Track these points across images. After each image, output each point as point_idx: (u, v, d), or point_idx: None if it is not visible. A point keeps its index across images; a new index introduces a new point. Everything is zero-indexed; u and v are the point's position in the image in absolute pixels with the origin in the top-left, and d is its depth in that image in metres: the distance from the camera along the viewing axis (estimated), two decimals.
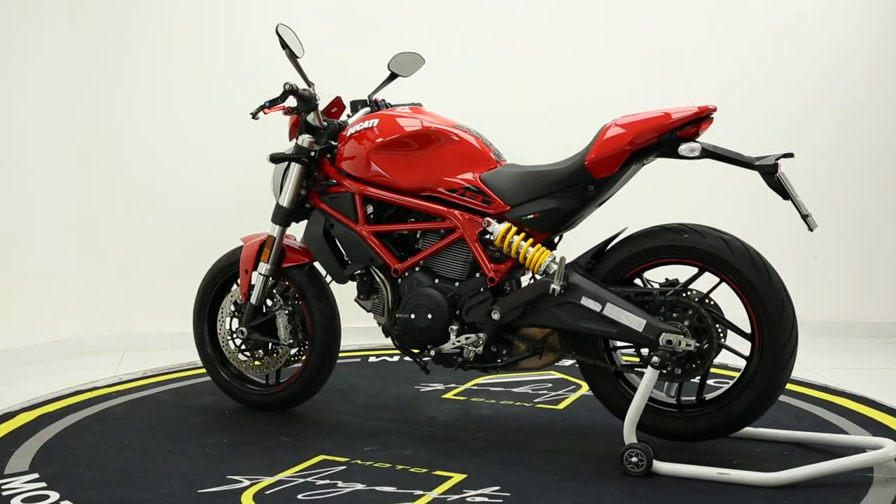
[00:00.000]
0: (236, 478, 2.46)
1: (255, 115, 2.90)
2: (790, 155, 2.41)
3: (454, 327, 2.72)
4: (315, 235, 2.94)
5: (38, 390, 3.44)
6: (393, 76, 3.10)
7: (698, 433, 2.58)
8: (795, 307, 2.52)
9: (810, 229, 2.44)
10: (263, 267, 3.00)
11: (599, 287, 2.55)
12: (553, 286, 2.54)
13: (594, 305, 2.52)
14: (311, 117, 2.91)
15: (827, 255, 4.53)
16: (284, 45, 2.82)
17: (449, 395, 3.31)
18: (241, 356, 3.09)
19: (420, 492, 2.35)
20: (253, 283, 3.02)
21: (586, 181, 2.57)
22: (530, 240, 2.65)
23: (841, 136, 4.49)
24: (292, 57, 2.84)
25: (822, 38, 4.46)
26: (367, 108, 3.01)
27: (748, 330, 2.53)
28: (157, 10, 4.32)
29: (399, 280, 2.83)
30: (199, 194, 4.33)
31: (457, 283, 2.76)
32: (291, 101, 2.92)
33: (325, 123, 2.94)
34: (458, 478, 2.45)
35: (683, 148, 2.44)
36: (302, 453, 2.66)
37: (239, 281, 3.08)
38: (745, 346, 2.56)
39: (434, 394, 3.34)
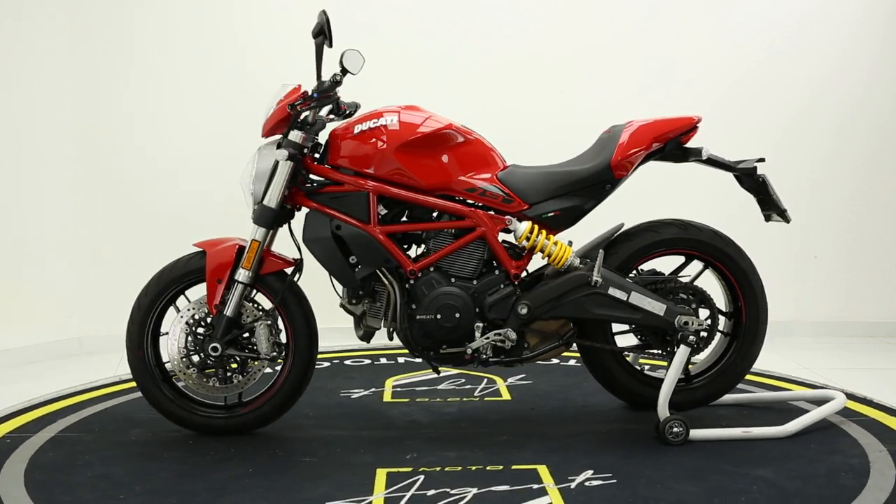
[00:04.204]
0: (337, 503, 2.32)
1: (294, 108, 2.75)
2: (762, 160, 2.87)
3: (479, 325, 2.76)
4: (321, 238, 2.76)
5: (38, 390, 3.44)
6: (345, 72, 2.86)
7: (696, 401, 2.97)
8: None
9: (787, 222, 2.90)
10: (243, 274, 2.76)
11: (622, 277, 2.79)
12: (595, 278, 2.72)
13: (621, 294, 2.75)
14: (308, 114, 2.76)
15: (827, 255, 4.53)
16: (322, 31, 2.67)
17: (388, 399, 3.28)
18: (204, 376, 2.79)
19: (536, 485, 2.40)
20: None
21: (606, 181, 2.80)
22: (552, 237, 2.79)
23: (840, 136, 4.49)
24: (323, 46, 2.70)
25: (821, 39, 4.46)
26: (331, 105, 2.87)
27: (725, 309, 3.01)
28: (159, 9, 4.32)
29: (412, 281, 2.78)
30: (200, 194, 4.32)
31: (474, 282, 2.79)
32: (280, 91, 2.78)
33: (317, 120, 2.80)
34: (543, 468, 2.52)
35: (704, 152, 2.81)
36: (355, 471, 2.52)
37: (194, 293, 2.83)
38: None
39: (370, 398, 3.29)
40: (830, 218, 4.51)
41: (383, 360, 3.91)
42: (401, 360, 3.92)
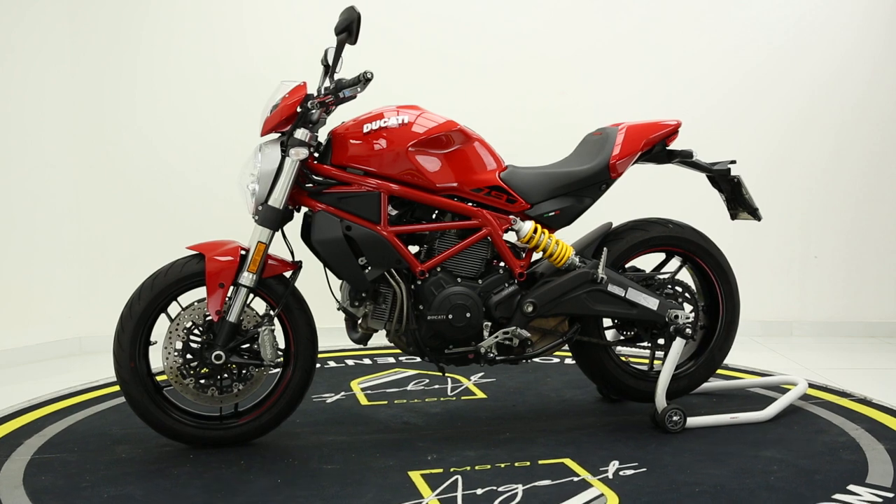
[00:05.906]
0: None
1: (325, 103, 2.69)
2: (734, 161, 3.02)
3: (488, 324, 2.78)
4: (333, 239, 2.66)
5: (38, 390, 3.44)
6: (329, 69, 2.80)
7: (680, 390, 3.07)
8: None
9: (758, 220, 3.06)
10: (248, 278, 2.63)
11: (620, 274, 2.88)
12: (600, 275, 2.80)
13: (619, 291, 2.85)
14: (315, 112, 2.66)
15: (827, 255, 4.53)
16: (347, 28, 2.61)
17: (365, 402, 3.23)
18: (202, 386, 2.65)
19: (575, 478, 2.44)
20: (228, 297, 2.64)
21: (603, 181, 2.89)
22: (554, 237, 2.83)
23: (841, 136, 4.50)
24: (344, 44, 2.65)
25: (823, 40, 4.47)
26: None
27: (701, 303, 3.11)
28: (162, 9, 4.32)
29: (419, 282, 2.76)
30: (200, 194, 4.33)
31: (479, 281, 2.80)
32: (280, 88, 2.71)
33: (320, 118, 2.70)
34: (569, 462, 2.57)
35: (694, 154, 2.95)
36: (387, 475, 2.47)
37: (184, 299, 2.71)
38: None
39: (346, 402, 3.24)
40: (830, 218, 4.52)
41: (332, 364, 3.86)
42: (350, 362, 3.89)
